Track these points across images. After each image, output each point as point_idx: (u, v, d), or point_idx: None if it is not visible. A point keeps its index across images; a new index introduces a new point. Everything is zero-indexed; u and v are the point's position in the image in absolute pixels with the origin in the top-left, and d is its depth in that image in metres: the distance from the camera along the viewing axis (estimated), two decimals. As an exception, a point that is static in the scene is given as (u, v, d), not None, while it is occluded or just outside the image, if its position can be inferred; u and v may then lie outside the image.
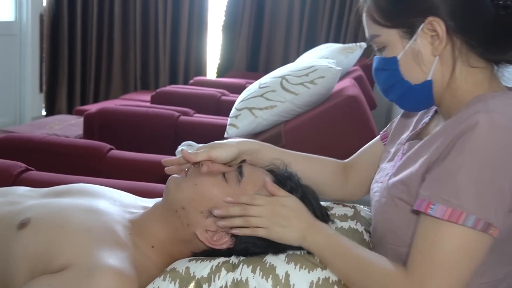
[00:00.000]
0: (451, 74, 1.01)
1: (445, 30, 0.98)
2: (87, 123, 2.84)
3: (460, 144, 0.91)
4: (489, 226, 0.89)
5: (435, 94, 1.04)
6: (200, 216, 1.11)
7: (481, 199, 0.89)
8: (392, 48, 1.04)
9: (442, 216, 0.90)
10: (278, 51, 5.23)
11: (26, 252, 1.06)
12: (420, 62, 1.02)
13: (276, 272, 1.04)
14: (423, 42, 1.00)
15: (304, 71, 2.22)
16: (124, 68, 5.49)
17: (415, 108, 1.11)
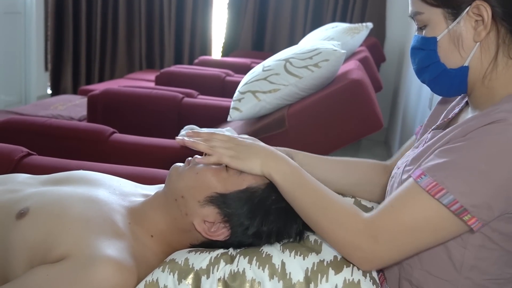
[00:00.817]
0: (490, 63, 0.98)
1: (491, 16, 0.95)
2: (90, 104, 2.84)
3: (476, 133, 0.91)
4: (465, 211, 0.89)
5: (469, 81, 1.02)
6: (197, 205, 1.10)
7: (466, 184, 0.89)
8: (433, 28, 1.01)
9: (424, 186, 0.91)
10: (284, 30, 5.18)
11: (24, 242, 1.06)
12: (460, 46, 0.99)
13: (272, 262, 1.04)
14: (467, 26, 0.97)
15: (308, 54, 2.19)
16: (129, 47, 5.47)
17: (446, 93, 1.08)
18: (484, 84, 1.01)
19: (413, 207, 0.92)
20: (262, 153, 1.07)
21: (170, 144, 2.07)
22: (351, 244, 0.95)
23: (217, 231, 1.10)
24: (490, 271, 0.98)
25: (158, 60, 5.46)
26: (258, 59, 4.62)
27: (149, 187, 1.36)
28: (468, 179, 0.89)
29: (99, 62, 5.48)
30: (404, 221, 0.92)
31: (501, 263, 0.98)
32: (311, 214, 1.02)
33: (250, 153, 1.07)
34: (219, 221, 1.10)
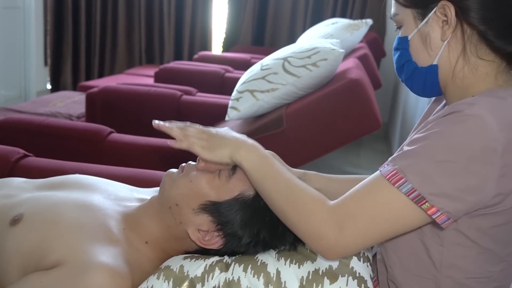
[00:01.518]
0: (457, 62, 1.01)
1: (454, 15, 0.98)
2: (89, 102, 2.83)
3: (435, 123, 0.93)
4: (422, 199, 0.90)
5: (440, 80, 1.04)
6: (192, 213, 1.10)
7: (425, 174, 0.90)
8: (406, 28, 1.05)
9: (385, 175, 0.94)
10: (284, 25, 5.16)
11: (18, 249, 1.06)
12: (428, 46, 1.02)
13: (268, 270, 1.04)
14: (434, 26, 1.01)
15: (307, 53, 2.19)
16: (129, 41, 5.46)
17: (422, 92, 1.10)
18: (455, 83, 1.03)
19: (375, 194, 0.94)
20: (232, 143, 1.07)
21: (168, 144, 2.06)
22: (316, 233, 0.96)
23: (211, 239, 1.10)
24: (470, 269, 0.99)
25: (158, 55, 5.44)
26: (258, 54, 4.60)
27: (145, 190, 1.35)
28: (426, 169, 0.90)
29: (98, 57, 5.47)
30: (366, 207, 0.94)
31: (481, 261, 0.99)
32: (278, 204, 1.02)
33: (221, 143, 1.08)
34: (213, 229, 1.10)
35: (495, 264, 1.00)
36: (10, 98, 4.75)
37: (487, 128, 0.89)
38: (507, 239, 0.99)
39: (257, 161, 1.05)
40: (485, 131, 0.89)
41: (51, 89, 5.50)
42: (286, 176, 1.04)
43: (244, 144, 1.08)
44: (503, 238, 0.98)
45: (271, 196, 1.03)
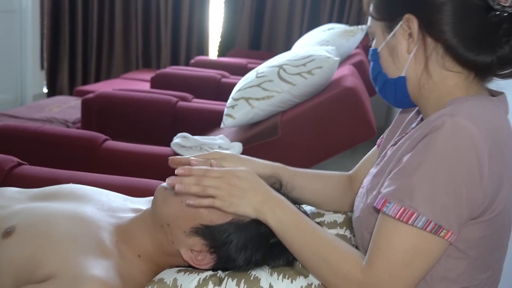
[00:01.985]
0: (422, 73, 1.02)
1: (418, 28, 0.99)
2: (84, 108, 2.84)
3: (422, 144, 0.93)
4: (440, 228, 0.90)
5: (410, 92, 1.05)
6: (183, 234, 1.09)
7: (433, 201, 0.90)
8: (376, 40, 1.08)
9: (394, 215, 0.92)
10: (281, 29, 5.16)
11: (10, 261, 1.05)
12: (395, 58, 1.04)
13: (260, 285, 1.04)
14: (400, 38, 1.02)
15: (302, 61, 2.19)
16: (125, 45, 5.45)
17: (395, 103, 1.10)
18: (424, 95, 1.04)
19: (396, 241, 0.93)
20: (255, 198, 1.05)
21: (163, 152, 2.06)
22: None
23: (204, 259, 1.09)
24: (459, 280, 0.99)
25: (155, 59, 5.44)
26: (254, 58, 4.61)
27: (139, 200, 1.35)
28: (431, 196, 0.90)
29: (95, 60, 5.46)
30: (396, 258, 0.92)
31: (470, 271, 0.99)
32: (310, 262, 1.02)
33: (243, 197, 1.05)
34: (206, 250, 1.09)
35: (483, 272, 1.00)
36: (6, 101, 4.74)
37: (475, 141, 0.89)
38: (494, 247, 1.00)
39: (283, 219, 1.04)
40: (474, 144, 0.89)
41: (47, 93, 5.49)
42: (316, 232, 1.03)
43: (268, 199, 1.05)
44: (491, 246, 0.99)
45: (301, 254, 1.03)
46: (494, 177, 0.91)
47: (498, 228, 0.98)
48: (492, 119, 0.95)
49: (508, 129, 0.98)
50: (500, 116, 0.98)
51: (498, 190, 0.93)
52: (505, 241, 1.04)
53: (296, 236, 1.03)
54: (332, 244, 1.01)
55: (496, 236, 0.99)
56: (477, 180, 0.90)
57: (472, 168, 0.89)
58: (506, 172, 0.94)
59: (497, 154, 0.91)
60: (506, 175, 0.94)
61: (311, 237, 1.02)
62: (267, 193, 1.06)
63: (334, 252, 1.00)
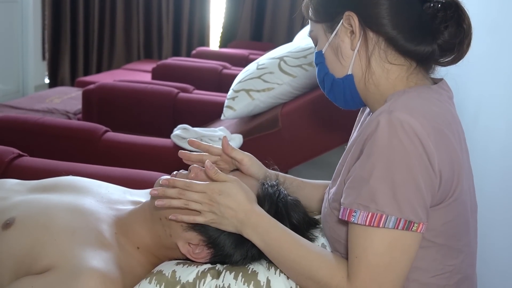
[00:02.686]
0: (367, 69, 1.03)
1: (359, 24, 1.01)
2: (85, 99, 2.84)
3: (367, 148, 0.94)
4: (411, 223, 0.91)
5: (358, 89, 1.06)
6: (180, 228, 1.09)
7: (396, 199, 0.90)
8: (319, 43, 1.08)
9: (364, 222, 0.92)
10: (282, 20, 5.15)
11: (10, 253, 1.06)
12: (340, 56, 1.04)
13: (258, 279, 1.04)
14: (343, 37, 1.03)
15: (303, 53, 2.19)
16: (127, 36, 5.45)
17: (344, 104, 1.10)
18: (371, 90, 1.04)
19: (372, 246, 0.93)
20: (236, 218, 1.04)
21: (164, 143, 2.07)
22: None
23: (201, 253, 1.10)
24: (432, 268, 1.00)
25: (156, 50, 5.43)
26: (256, 50, 4.60)
27: (139, 192, 1.35)
28: (393, 194, 0.90)
29: (97, 51, 5.45)
30: (376, 262, 0.93)
31: (440, 258, 1.00)
32: (298, 278, 1.02)
33: (225, 216, 1.04)
34: (203, 244, 1.09)
35: (454, 257, 1.01)
36: (8, 92, 4.74)
37: (416, 131, 0.90)
38: (459, 232, 1.01)
39: (266, 238, 1.03)
40: (416, 134, 0.90)
41: (49, 84, 5.49)
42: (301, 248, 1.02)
43: (249, 218, 1.04)
44: (455, 232, 1.00)
45: (290, 272, 1.03)
46: (444, 163, 0.93)
47: (461, 212, 1.00)
48: (430, 107, 0.96)
49: (449, 114, 0.99)
50: (440, 102, 0.99)
51: (451, 175, 0.95)
52: (473, 224, 1.05)
53: (280, 253, 1.02)
54: (318, 258, 1.00)
55: (460, 220, 1.00)
56: (429, 167, 0.91)
57: (421, 157, 0.90)
58: (455, 156, 0.96)
59: (441, 140, 0.93)
60: (455, 160, 0.96)
61: (296, 254, 1.01)
62: (248, 212, 1.04)
63: (320, 267, 0.99)
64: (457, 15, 1.00)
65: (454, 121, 1.00)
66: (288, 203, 1.14)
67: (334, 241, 1.07)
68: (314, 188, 1.31)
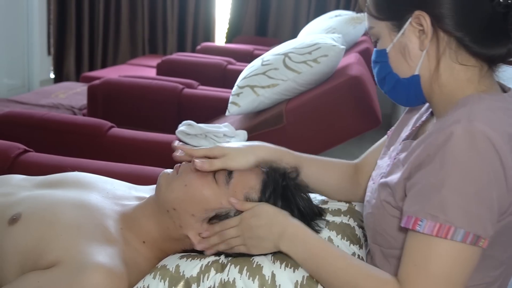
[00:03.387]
0: (436, 70, 1.00)
1: (430, 24, 0.97)
2: (91, 94, 2.85)
3: (440, 156, 0.90)
4: (479, 238, 0.88)
5: (424, 89, 1.03)
6: (192, 219, 1.10)
7: (468, 212, 0.88)
8: (382, 41, 1.04)
9: (431, 232, 0.89)
10: (287, 15, 5.14)
11: (16, 248, 1.07)
12: (407, 56, 1.01)
13: (263, 273, 1.04)
14: (411, 36, 1.00)
15: (307, 49, 2.18)
16: (132, 31, 5.45)
17: (406, 102, 1.09)
18: (438, 90, 1.02)
19: (434, 256, 0.90)
20: (273, 234, 1.05)
21: (168, 139, 2.07)
22: None
23: None
24: (473, 277, 0.97)
25: (161, 45, 5.44)
26: (261, 45, 4.59)
27: (144, 188, 1.36)
28: (465, 207, 0.88)
29: (102, 46, 5.46)
30: (437, 273, 0.89)
31: (483, 267, 0.98)
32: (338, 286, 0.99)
33: (261, 236, 1.06)
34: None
35: (496, 268, 1.00)
36: (13, 87, 4.75)
37: (495, 144, 0.88)
38: (506, 243, 0.99)
39: (304, 252, 1.03)
40: (495, 147, 0.88)
41: (54, 79, 5.50)
42: (343, 259, 1.00)
43: (285, 231, 1.04)
44: (503, 242, 0.98)
45: (334, 285, 0.99)
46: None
47: None
48: (507, 120, 0.93)
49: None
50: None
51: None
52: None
53: (322, 265, 1.00)
54: (362, 269, 0.98)
55: (509, 232, 0.97)
56: (503, 183, 0.89)
57: (498, 172, 0.88)
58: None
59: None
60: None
61: (339, 265, 0.99)
62: (283, 223, 1.05)
63: (367, 278, 0.96)
64: None
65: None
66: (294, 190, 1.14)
67: (376, 233, 1.06)
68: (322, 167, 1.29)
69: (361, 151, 1.36)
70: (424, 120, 1.13)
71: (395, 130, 1.22)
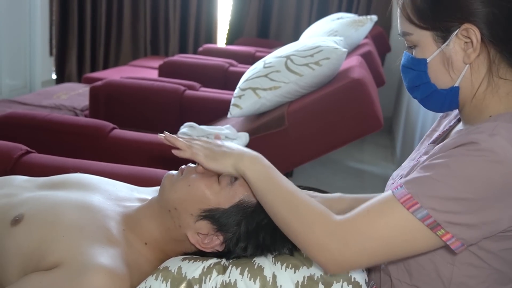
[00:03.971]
0: (481, 83, 0.98)
1: (480, 38, 0.94)
2: (92, 95, 2.85)
3: (454, 150, 0.91)
4: (438, 226, 0.89)
5: (460, 100, 1.02)
6: (190, 218, 1.11)
7: (441, 200, 0.89)
8: (422, 49, 1.01)
9: (399, 198, 0.92)
10: (289, 17, 5.15)
11: (18, 249, 1.07)
12: (450, 68, 0.99)
13: (264, 274, 1.05)
14: (456, 48, 0.97)
15: (309, 52, 2.19)
16: (134, 32, 5.46)
17: (438, 110, 1.08)
18: (473, 103, 1.01)
19: (387, 216, 0.92)
20: (236, 153, 1.08)
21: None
22: (319, 245, 0.94)
23: (211, 243, 1.12)
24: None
25: (163, 47, 5.45)
26: (263, 47, 4.60)
27: (146, 190, 1.37)
28: (443, 196, 0.89)
29: (104, 47, 5.48)
30: (378, 228, 0.92)
31: (490, 281, 0.98)
32: (281, 214, 1.01)
33: (225, 153, 1.08)
34: (213, 233, 1.11)
35: (504, 284, 0.99)
36: (15, 87, 4.77)
37: (507, 159, 0.87)
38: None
39: (261, 171, 1.05)
40: (506, 162, 0.87)
41: (56, 79, 5.51)
42: (291, 188, 1.03)
43: (248, 154, 1.08)
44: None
45: (274, 206, 1.02)
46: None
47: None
48: None
49: None
50: None
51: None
52: None
53: (270, 187, 1.03)
54: (306, 199, 1.01)
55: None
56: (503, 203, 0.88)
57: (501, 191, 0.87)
58: None
59: None
60: None
61: (285, 190, 1.02)
62: (248, 150, 1.09)
63: (307, 204, 0.99)
64: None
65: None
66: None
67: None
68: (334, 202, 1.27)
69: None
70: (452, 125, 1.13)
71: (429, 133, 1.22)
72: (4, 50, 4.58)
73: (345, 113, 2.02)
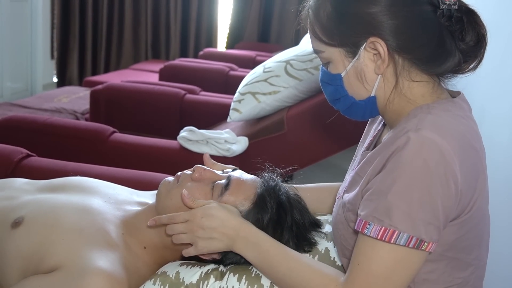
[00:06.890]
0: (393, 90, 1.01)
1: (387, 50, 0.97)
2: (93, 99, 2.86)
3: (391, 163, 0.93)
4: (422, 242, 0.91)
5: (379, 107, 1.04)
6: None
7: (411, 217, 0.91)
8: (336, 65, 1.03)
9: (376, 236, 0.92)
10: (290, 21, 5.15)
11: (18, 251, 1.08)
12: (363, 80, 1.01)
13: (261, 282, 1.06)
14: (366, 61, 1.00)
15: (309, 56, 2.20)
16: (135, 36, 5.48)
17: (361, 118, 1.11)
18: (391, 108, 1.03)
19: (377, 258, 0.94)
20: (225, 236, 1.06)
21: (170, 145, 2.08)
22: None
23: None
24: (441, 280, 1.01)
25: (164, 50, 5.46)
26: (263, 51, 4.61)
27: (145, 193, 1.37)
28: (409, 212, 0.90)
29: (105, 51, 5.49)
30: (377, 273, 0.93)
31: (449, 270, 1.00)
32: (290, 285, 1.03)
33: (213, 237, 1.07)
34: None
35: (463, 270, 1.02)
36: (16, 91, 4.77)
37: (443, 152, 0.90)
38: (470, 246, 1.01)
39: (258, 251, 1.05)
40: (443, 155, 0.90)
41: (57, 83, 5.53)
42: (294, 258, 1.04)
43: (238, 234, 1.06)
44: (467, 246, 1.00)
45: (284, 283, 1.03)
46: (468, 182, 0.93)
47: (474, 226, 1.00)
48: (457, 125, 0.95)
49: (473, 130, 0.99)
50: (463, 119, 0.98)
51: (472, 193, 0.95)
52: (485, 237, 1.05)
53: (275, 266, 1.04)
54: (308, 269, 1.02)
55: (472, 234, 1.00)
56: (451, 189, 0.91)
57: (444, 177, 0.90)
58: (482, 173, 0.97)
59: (467, 159, 0.93)
60: (481, 177, 0.97)
61: (290, 265, 1.03)
62: (236, 226, 1.07)
63: (311, 278, 1.00)
64: (473, 20, 0.99)
65: (478, 137, 1.00)
66: (291, 198, 1.16)
67: (343, 248, 1.08)
68: (320, 191, 1.32)
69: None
70: (380, 129, 1.15)
71: (361, 141, 1.23)
72: (5, 53, 4.59)
73: (344, 118, 2.02)
